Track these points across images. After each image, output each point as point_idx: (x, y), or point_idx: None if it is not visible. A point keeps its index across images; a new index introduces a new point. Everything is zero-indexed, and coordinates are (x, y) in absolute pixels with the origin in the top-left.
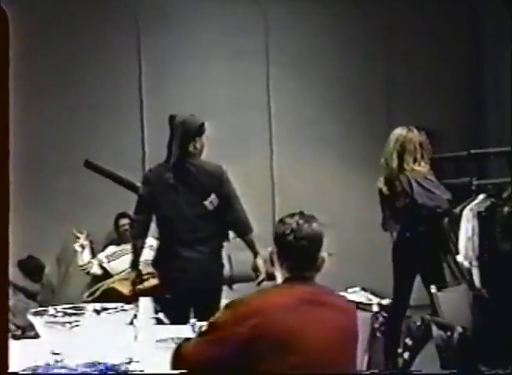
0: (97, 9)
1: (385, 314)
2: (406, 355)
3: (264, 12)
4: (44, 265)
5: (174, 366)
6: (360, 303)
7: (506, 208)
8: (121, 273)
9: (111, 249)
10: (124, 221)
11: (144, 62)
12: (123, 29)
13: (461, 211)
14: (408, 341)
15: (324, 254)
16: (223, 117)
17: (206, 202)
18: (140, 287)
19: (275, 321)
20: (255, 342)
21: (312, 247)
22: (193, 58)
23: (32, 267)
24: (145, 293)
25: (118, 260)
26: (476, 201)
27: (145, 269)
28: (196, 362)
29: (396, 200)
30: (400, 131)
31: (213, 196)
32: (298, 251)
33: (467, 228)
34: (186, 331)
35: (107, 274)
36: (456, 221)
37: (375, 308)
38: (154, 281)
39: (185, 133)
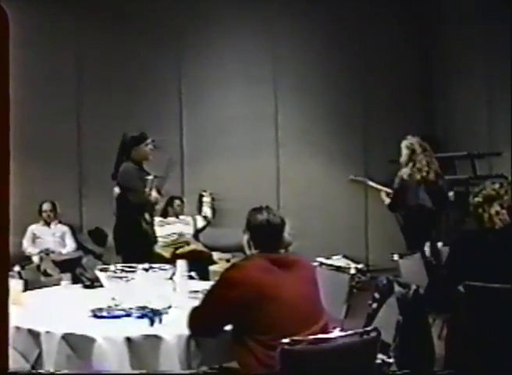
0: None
1: (360, 275)
2: (374, 305)
3: (273, 46)
4: (107, 234)
5: (188, 325)
6: (342, 267)
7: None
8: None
9: (157, 218)
10: (177, 202)
11: (183, 85)
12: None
13: None
14: (376, 295)
15: (287, 235)
16: (239, 127)
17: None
18: (178, 252)
19: (256, 281)
20: (243, 300)
21: (280, 231)
22: (218, 81)
23: (98, 235)
24: (181, 256)
25: (161, 228)
26: None
27: (181, 238)
28: (201, 321)
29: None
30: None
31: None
32: (270, 235)
33: None
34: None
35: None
36: None
37: (353, 271)
38: (188, 248)
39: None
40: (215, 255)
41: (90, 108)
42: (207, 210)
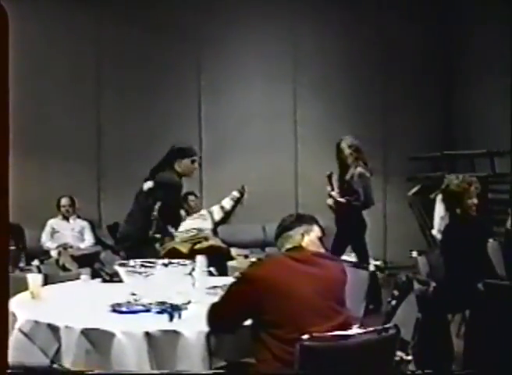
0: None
1: (378, 272)
2: (393, 302)
3: (292, 43)
4: None
5: (207, 321)
6: (360, 264)
7: None
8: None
9: None
10: (192, 197)
11: (202, 83)
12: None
13: (435, 197)
14: (395, 292)
15: None
16: (258, 124)
17: None
18: (196, 247)
19: (272, 277)
20: (259, 295)
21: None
22: (237, 78)
23: (117, 230)
24: (199, 252)
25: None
26: None
27: (200, 233)
28: (219, 317)
29: None
30: None
31: None
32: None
33: (440, 210)
34: (230, 281)
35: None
36: (432, 205)
37: (372, 268)
38: (206, 243)
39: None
40: (233, 251)
41: (110, 104)
42: (227, 201)
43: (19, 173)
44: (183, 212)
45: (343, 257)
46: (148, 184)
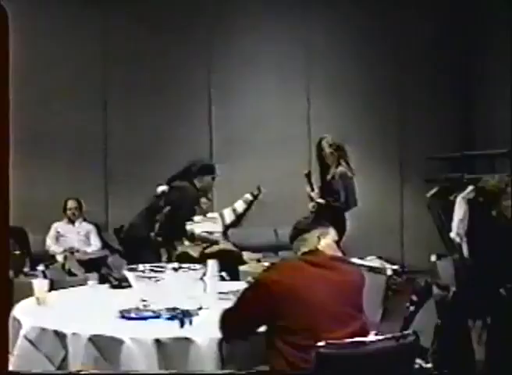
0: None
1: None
2: (412, 308)
3: (306, 40)
4: None
5: (219, 327)
6: (376, 268)
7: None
8: None
9: None
10: (204, 200)
11: (213, 82)
12: (197, 52)
13: (455, 198)
14: (414, 297)
15: None
16: (271, 123)
17: None
18: (206, 251)
19: (286, 281)
20: (272, 300)
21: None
22: (249, 76)
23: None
24: (210, 256)
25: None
26: (466, 191)
27: (210, 237)
28: (232, 323)
29: None
30: None
31: None
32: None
33: (460, 212)
34: (242, 286)
35: None
36: (451, 207)
37: (389, 272)
38: (217, 247)
39: None
40: (245, 255)
41: (117, 104)
42: (240, 204)
43: (23, 174)
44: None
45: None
46: (163, 187)
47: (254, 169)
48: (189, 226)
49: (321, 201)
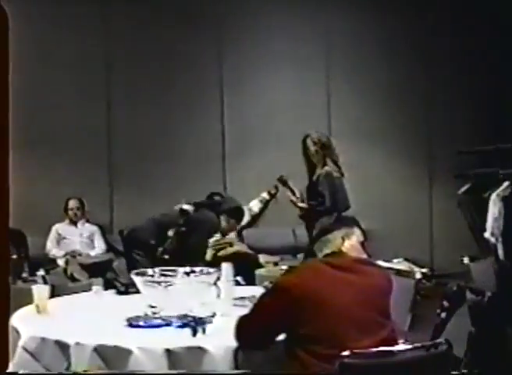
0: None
1: (425, 281)
2: (443, 314)
3: (325, 25)
4: None
5: (235, 336)
6: (404, 271)
7: None
8: None
9: None
10: (218, 198)
11: (224, 67)
12: (205, 42)
13: (489, 196)
14: (445, 303)
15: None
16: (287, 115)
17: None
18: (220, 254)
19: (307, 285)
20: (293, 306)
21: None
22: (263, 65)
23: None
24: (224, 259)
25: None
26: (502, 188)
27: (224, 238)
28: (250, 331)
29: None
30: None
31: None
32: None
33: (494, 210)
34: (260, 291)
35: None
36: (484, 204)
37: (418, 276)
38: (231, 249)
39: None
40: (262, 258)
41: (123, 95)
42: (255, 203)
43: (21, 171)
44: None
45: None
46: (188, 207)
47: (269, 166)
48: None
49: (302, 205)
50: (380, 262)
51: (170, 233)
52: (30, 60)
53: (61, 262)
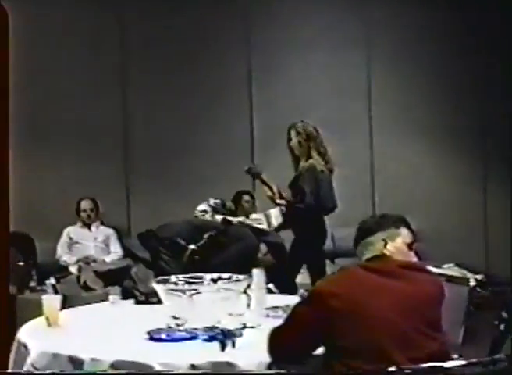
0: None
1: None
2: (502, 326)
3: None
4: None
5: (268, 350)
6: (456, 277)
7: None
8: None
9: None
10: (246, 197)
11: (252, 54)
12: (234, 25)
13: None
14: (504, 314)
15: None
16: (323, 103)
17: None
18: None
19: (345, 293)
20: (331, 316)
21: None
22: (298, 50)
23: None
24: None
25: None
26: None
27: None
28: (284, 344)
29: None
30: None
31: None
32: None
33: None
34: (294, 300)
35: None
36: None
37: (472, 283)
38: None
39: None
40: None
41: (139, 83)
42: (276, 214)
43: (28, 169)
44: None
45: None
46: (233, 218)
47: None
48: None
49: (280, 202)
50: (429, 268)
51: (206, 235)
52: (42, 47)
53: (73, 269)
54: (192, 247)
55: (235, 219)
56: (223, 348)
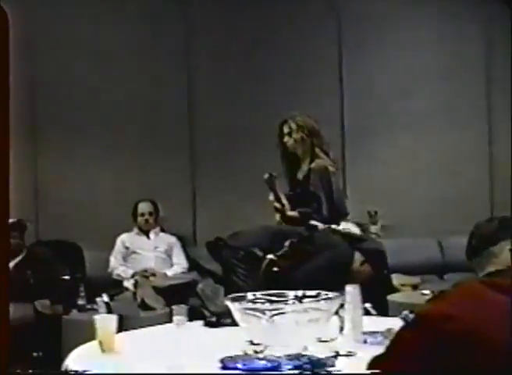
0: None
1: None
2: None
3: None
4: None
5: None
6: None
7: None
8: None
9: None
10: None
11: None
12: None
13: None
14: None
15: None
16: (429, 89)
17: None
18: None
19: (466, 317)
20: (445, 348)
21: None
22: (395, 30)
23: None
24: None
25: None
26: None
27: None
28: None
29: None
30: None
31: None
32: None
33: None
34: (397, 324)
35: None
36: None
37: None
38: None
39: None
40: (395, 279)
41: (206, 66)
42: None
43: (75, 168)
44: None
45: None
46: (318, 223)
47: (403, 153)
48: None
49: (293, 214)
50: None
51: (287, 243)
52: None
53: (129, 284)
54: (270, 257)
55: (319, 224)
56: None
